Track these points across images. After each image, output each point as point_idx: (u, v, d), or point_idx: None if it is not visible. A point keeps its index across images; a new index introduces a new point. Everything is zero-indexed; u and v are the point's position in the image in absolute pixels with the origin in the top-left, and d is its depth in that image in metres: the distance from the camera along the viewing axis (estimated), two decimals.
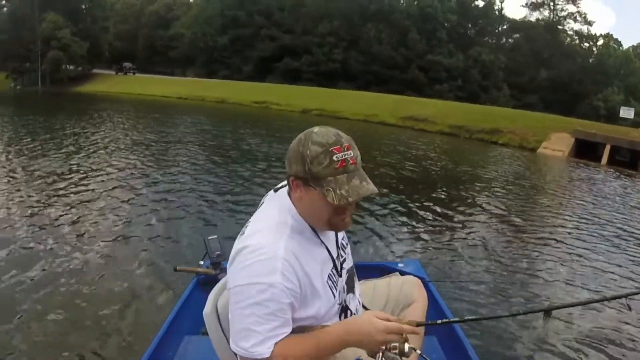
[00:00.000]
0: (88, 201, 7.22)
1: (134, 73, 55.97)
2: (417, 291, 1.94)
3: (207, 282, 2.94)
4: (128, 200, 7.43)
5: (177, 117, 24.00)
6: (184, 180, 9.15)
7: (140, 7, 69.43)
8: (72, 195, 7.53)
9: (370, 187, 1.42)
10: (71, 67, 57.27)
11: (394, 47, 52.89)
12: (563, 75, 56.07)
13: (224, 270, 2.91)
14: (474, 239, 6.56)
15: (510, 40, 63.58)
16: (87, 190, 7.87)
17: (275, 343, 1.37)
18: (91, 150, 11.90)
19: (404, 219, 7.30)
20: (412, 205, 8.28)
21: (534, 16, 62.52)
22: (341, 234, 1.73)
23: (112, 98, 38.36)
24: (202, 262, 3.15)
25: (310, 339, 1.42)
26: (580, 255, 6.13)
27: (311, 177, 1.41)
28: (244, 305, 1.37)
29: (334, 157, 1.39)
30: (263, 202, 1.65)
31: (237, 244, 1.47)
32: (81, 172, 9.22)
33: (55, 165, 9.76)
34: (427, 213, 7.76)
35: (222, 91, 39.99)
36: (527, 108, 35.30)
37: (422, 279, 2.32)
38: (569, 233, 7.43)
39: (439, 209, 8.08)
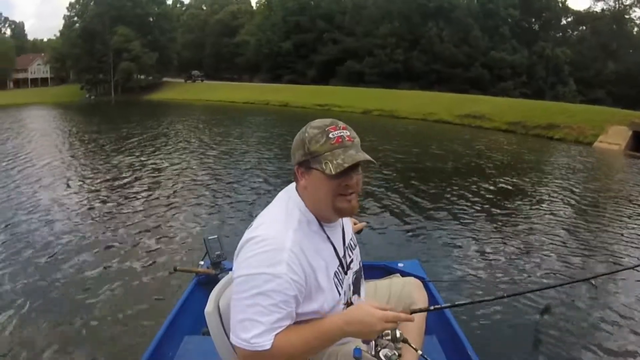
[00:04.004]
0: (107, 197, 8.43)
1: (202, 80, 58.00)
2: (418, 292, 1.94)
3: (207, 282, 2.96)
4: (150, 197, 8.40)
5: (241, 120, 26.06)
6: (228, 176, 10.27)
7: (205, 17, 72.21)
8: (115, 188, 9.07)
9: (367, 156, 1.47)
10: (142, 77, 60.39)
11: (456, 45, 52.01)
12: (631, 67, 53.81)
13: (224, 270, 2.99)
14: (500, 238, 6.52)
15: (575, 33, 61.28)
16: (116, 187, 9.22)
17: (276, 335, 1.35)
18: (147, 151, 13.74)
19: (444, 213, 7.57)
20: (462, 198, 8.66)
21: (599, 6, 60.07)
22: (349, 235, 1.74)
23: (181, 104, 40.56)
24: (202, 262, 3.18)
25: (310, 330, 1.41)
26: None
27: (311, 156, 1.47)
28: (247, 295, 1.36)
29: (330, 135, 1.47)
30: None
31: (245, 236, 1.48)
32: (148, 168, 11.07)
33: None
34: (474, 208, 7.97)
35: (285, 95, 40.79)
36: (595, 103, 33.44)
37: (422, 279, 2.39)
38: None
39: (489, 207, 8.21)
